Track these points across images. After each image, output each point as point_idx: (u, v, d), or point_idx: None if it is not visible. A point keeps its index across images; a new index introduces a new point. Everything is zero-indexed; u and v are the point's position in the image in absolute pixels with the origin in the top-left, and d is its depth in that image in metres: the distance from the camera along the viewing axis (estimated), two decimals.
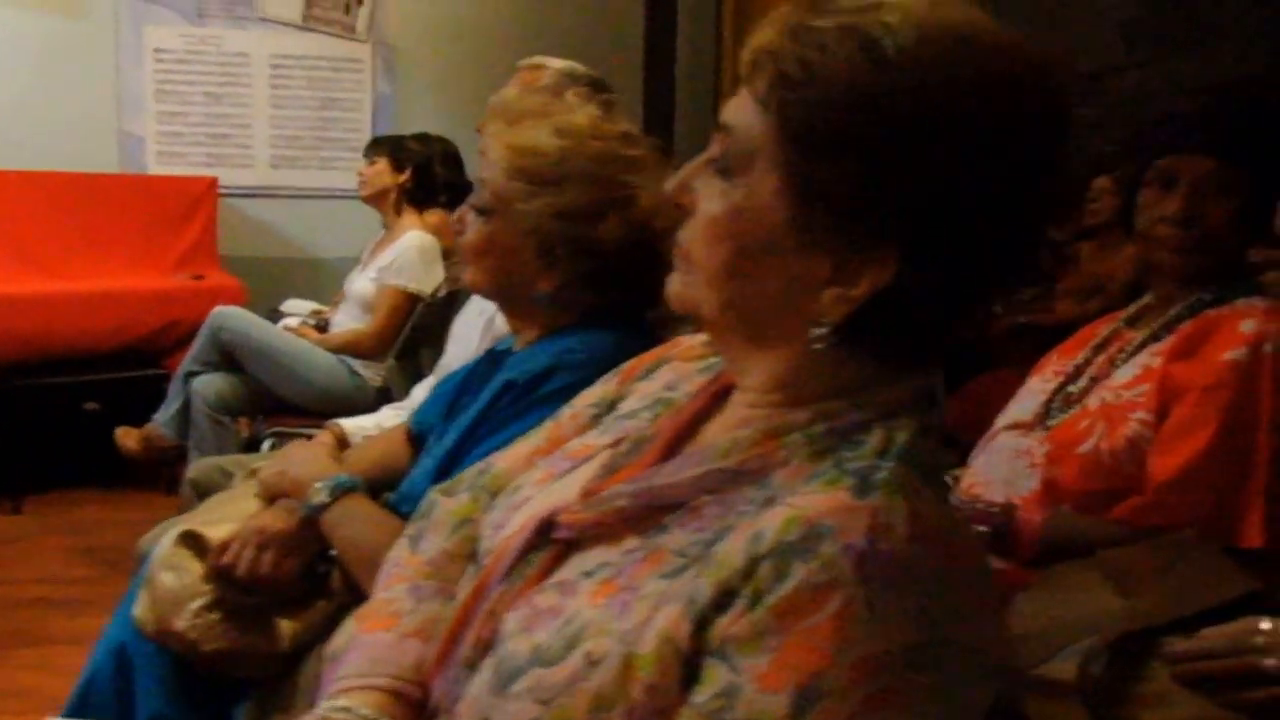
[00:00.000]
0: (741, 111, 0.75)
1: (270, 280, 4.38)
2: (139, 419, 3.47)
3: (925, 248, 0.71)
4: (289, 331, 3.49)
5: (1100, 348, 1.72)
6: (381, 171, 3.54)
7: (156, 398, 3.48)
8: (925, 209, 0.70)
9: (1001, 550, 1.54)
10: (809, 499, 0.69)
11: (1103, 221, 3.55)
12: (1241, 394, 1.45)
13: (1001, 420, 1.74)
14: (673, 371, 0.95)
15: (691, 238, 0.78)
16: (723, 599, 0.68)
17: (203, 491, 2.09)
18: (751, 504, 0.73)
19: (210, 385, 3.26)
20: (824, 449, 0.74)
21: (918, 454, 0.73)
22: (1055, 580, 1.30)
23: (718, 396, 0.86)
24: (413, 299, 3.36)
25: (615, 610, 0.73)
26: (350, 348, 3.38)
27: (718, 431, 0.82)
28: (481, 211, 1.31)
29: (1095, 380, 1.65)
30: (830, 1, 0.74)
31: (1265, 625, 1.06)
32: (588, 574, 0.77)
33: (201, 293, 3.99)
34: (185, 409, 3.30)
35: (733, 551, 0.69)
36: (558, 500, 0.84)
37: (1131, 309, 1.74)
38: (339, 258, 4.35)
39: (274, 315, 3.85)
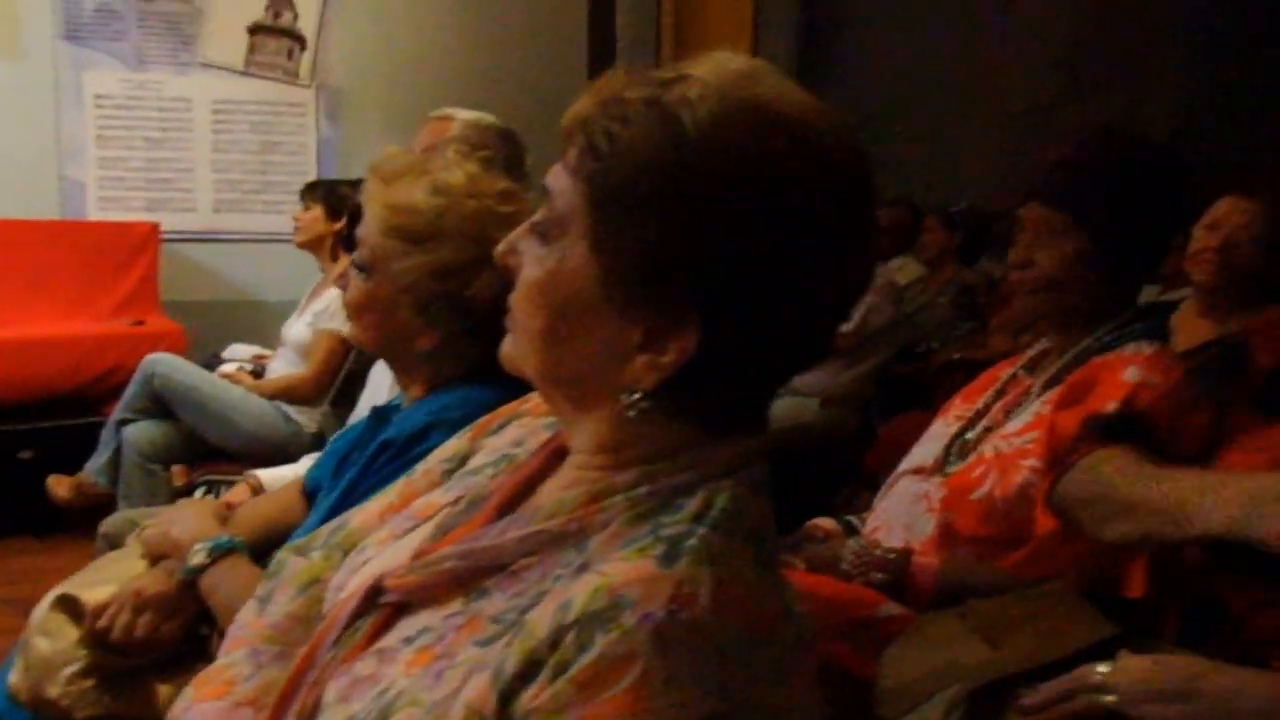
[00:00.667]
0: (558, 179, 0.77)
1: (213, 325, 4.36)
2: (75, 467, 3.42)
3: (727, 318, 0.72)
4: (225, 377, 3.47)
5: (1000, 393, 1.74)
6: (317, 218, 3.55)
7: (94, 445, 3.44)
8: (723, 281, 0.72)
9: (898, 595, 1.55)
10: (616, 567, 0.70)
11: None
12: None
13: (904, 464, 1.76)
14: (521, 428, 0.95)
15: (515, 301, 0.80)
16: (529, 669, 0.68)
17: (115, 545, 2.07)
18: (567, 569, 0.74)
19: (142, 433, 3.23)
20: (645, 512, 0.74)
21: (739, 516, 0.74)
22: (924, 630, 1.31)
23: (556, 455, 0.86)
24: (347, 344, 3.36)
25: (429, 680, 0.73)
26: (286, 393, 3.36)
27: (550, 492, 0.82)
28: (361, 269, 1.32)
29: (991, 428, 1.67)
30: (642, 73, 0.76)
31: (1102, 669, 1.10)
32: (409, 640, 0.77)
33: (142, 338, 3.95)
34: (117, 457, 3.27)
35: (541, 620, 0.70)
36: (392, 561, 0.84)
37: (1029, 355, 1.77)
38: (282, 301, 4.34)
39: (215, 360, 3.83)
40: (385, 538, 0.90)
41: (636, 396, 0.74)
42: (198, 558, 1.27)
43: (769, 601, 0.72)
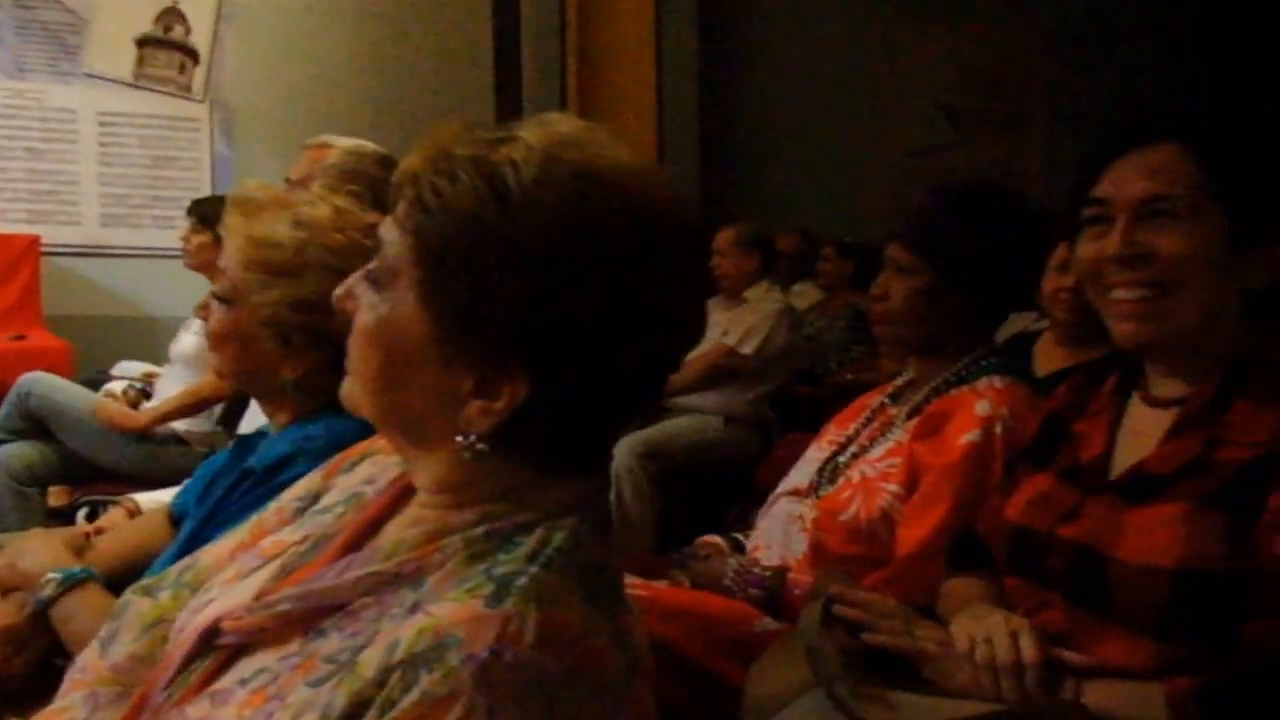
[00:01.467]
0: (388, 230, 0.79)
1: (101, 341, 4.23)
2: None
3: (555, 368, 0.75)
4: (109, 397, 3.37)
5: (869, 421, 1.81)
6: (205, 244, 3.44)
7: None
8: (548, 334, 0.74)
9: (775, 611, 1.60)
10: (444, 608, 0.71)
11: None
12: (975, 473, 1.54)
13: (782, 486, 1.82)
14: (374, 466, 0.95)
15: (350, 345, 0.81)
16: (356, 709, 0.69)
17: None
18: (402, 609, 0.74)
19: (17, 454, 3.12)
20: (480, 552, 0.76)
21: (574, 554, 0.76)
22: (788, 645, 1.35)
23: (404, 493, 0.87)
24: None
25: None
26: (193, 403, 3.24)
27: (392, 531, 0.83)
28: (222, 300, 1.31)
29: (859, 453, 1.74)
30: (474, 131, 0.78)
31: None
32: (244, 682, 0.77)
33: (25, 353, 3.82)
34: None
35: (370, 660, 0.70)
36: (234, 602, 0.84)
37: (895, 384, 1.84)
38: (174, 317, 4.22)
39: (103, 377, 3.71)
40: (231, 577, 0.90)
41: (472, 440, 0.76)
42: (48, 589, 1.24)
43: (597, 637, 0.73)
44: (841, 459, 1.75)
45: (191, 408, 3.24)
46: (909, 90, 5.35)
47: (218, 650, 0.81)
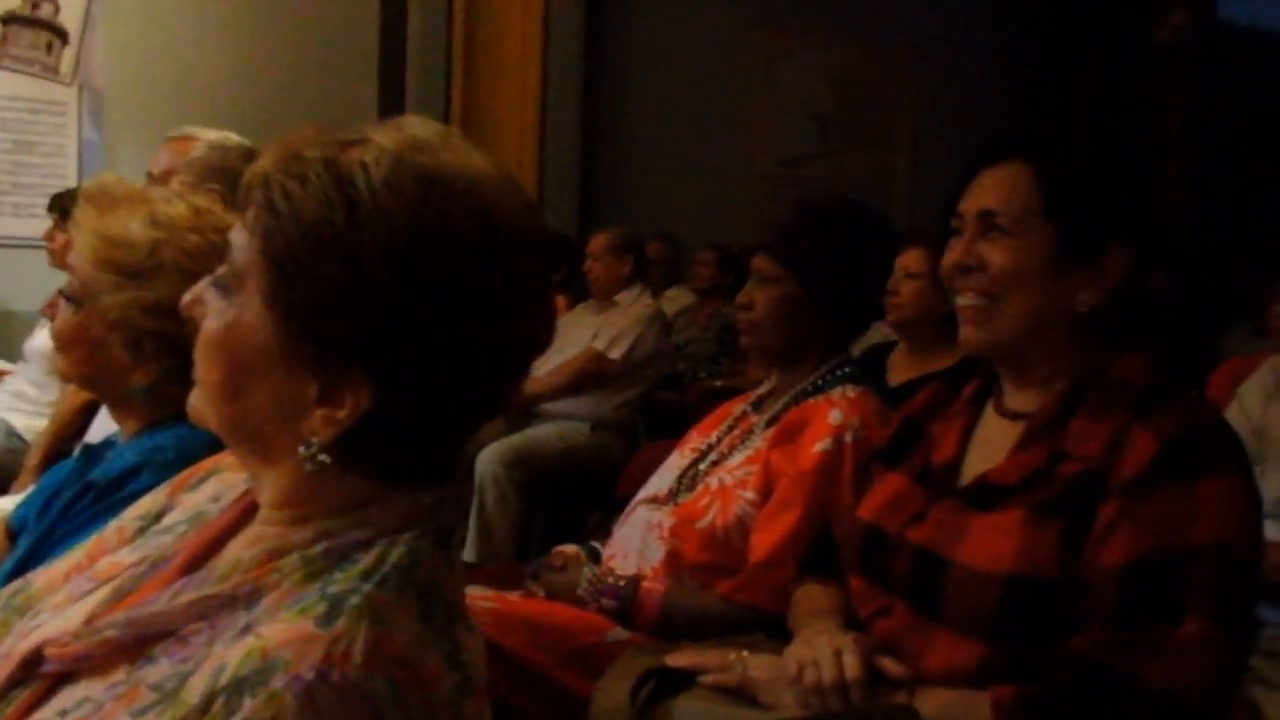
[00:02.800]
0: (237, 234, 0.77)
1: None
2: None
3: (399, 376, 0.74)
4: None
5: (730, 428, 1.85)
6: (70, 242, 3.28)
7: None
8: (392, 341, 0.74)
9: (627, 621, 1.63)
10: (274, 629, 0.70)
11: None
12: (826, 481, 1.60)
13: (642, 493, 1.84)
14: (221, 483, 0.93)
15: (196, 353, 0.80)
16: None
17: None
18: (233, 632, 0.73)
19: None
20: (317, 571, 0.75)
21: (411, 570, 0.75)
22: (632, 660, 1.39)
23: (248, 511, 0.85)
24: None
25: None
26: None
27: (232, 551, 0.81)
28: (70, 300, 1.26)
29: (719, 461, 1.78)
30: (326, 133, 0.77)
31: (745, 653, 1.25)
32: (64, 713, 0.74)
33: None
34: None
35: (195, 686, 0.69)
36: (61, 627, 0.80)
37: (757, 393, 1.89)
38: (31, 312, 4.04)
39: None
40: (63, 600, 0.86)
41: (314, 450, 0.75)
42: None
43: (430, 656, 0.73)
44: (701, 466, 1.79)
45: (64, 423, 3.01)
46: (782, 101, 5.49)
47: (40, 679, 0.77)
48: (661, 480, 1.83)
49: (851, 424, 1.64)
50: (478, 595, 1.58)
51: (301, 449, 0.75)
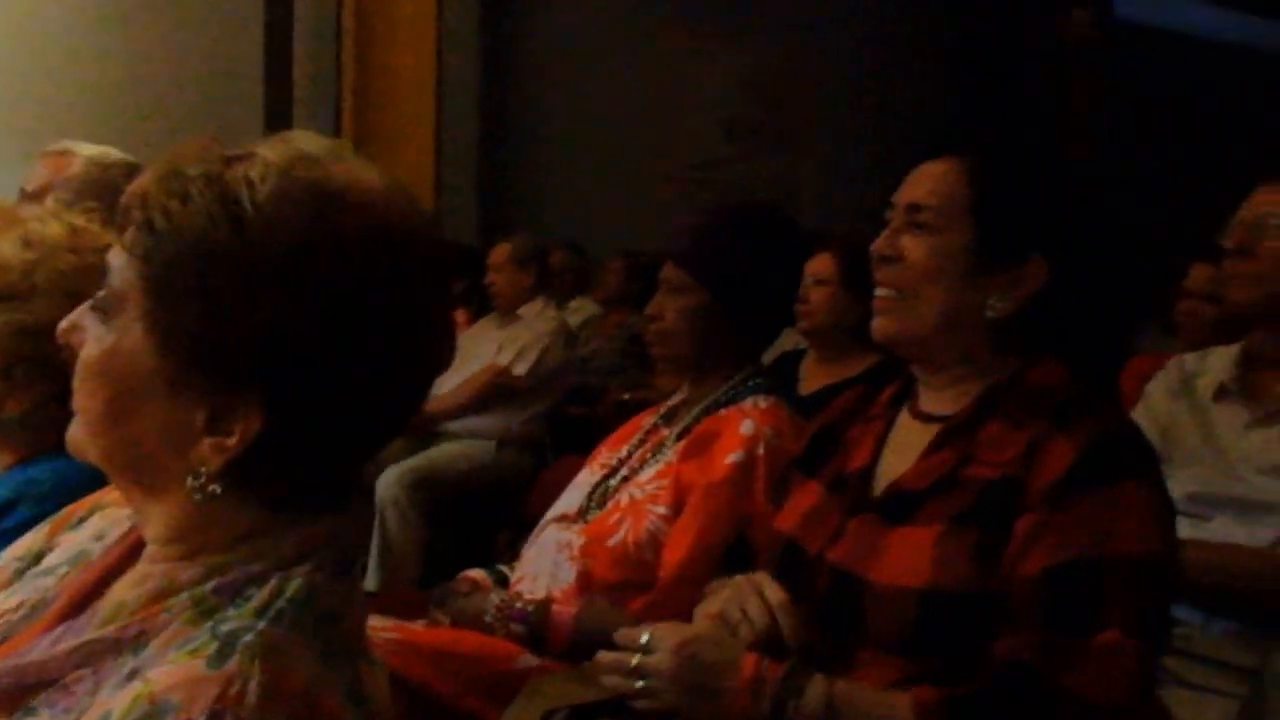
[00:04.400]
0: (116, 255, 0.74)
1: None
2: None
3: (291, 398, 0.72)
4: None
5: (641, 442, 1.81)
6: None
7: None
8: (284, 362, 0.71)
9: (538, 646, 1.57)
10: (163, 671, 0.66)
11: None
12: (738, 492, 1.58)
13: (551, 512, 1.80)
14: (104, 519, 0.88)
15: (75, 381, 0.76)
16: None
17: None
18: (119, 677, 0.69)
19: None
20: (208, 609, 0.71)
21: (308, 605, 0.72)
22: (541, 688, 1.35)
23: (134, 549, 0.81)
24: None
25: None
26: None
27: (117, 592, 0.77)
28: None
29: (630, 475, 1.74)
30: (209, 148, 0.74)
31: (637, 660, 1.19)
32: None
33: None
34: None
35: None
36: None
37: (668, 404, 1.86)
38: None
39: None
40: None
41: (203, 480, 0.72)
42: None
43: (330, 693, 0.71)
44: (612, 482, 1.75)
45: None
46: (693, 105, 5.51)
47: None
48: (571, 498, 1.78)
49: (764, 434, 1.62)
50: (379, 626, 1.51)
51: (190, 479, 0.73)
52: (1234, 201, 1.78)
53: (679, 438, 1.72)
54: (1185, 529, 1.74)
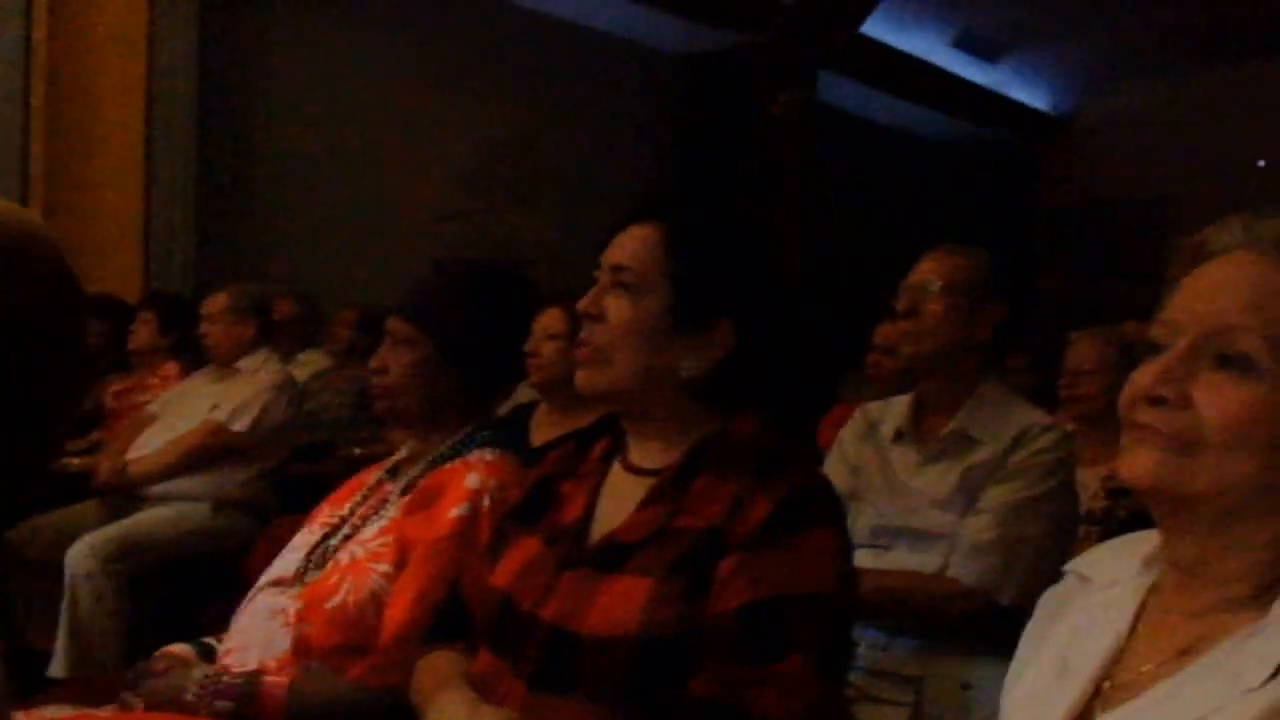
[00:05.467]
0: None
1: None
2: None
3: None
4: None
5: (365, 498, 1.74)
6: None
7: None
8: None
9: None
10: None
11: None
12: (462, 547, 1.53)
13: (265, 577, 1.69)
14: None
15: None
16: None
17: None
18: None
19: None
20: None
21: None
22: None
23: None
24: None
25: None
26: None
27: None
28: None
29: (352, 534, 1.66)
30: None
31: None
32: None
33: None
34: None
35: None
36: None
37: (393, 459, 1.80)
38: None
39: None
40: None
41: None
42: None
43: None
44: (333, 541, 1.67)
45: None
46: (431, 157, 5.45)
47: None
48: (287, 561, 1.68)
49: (489, 487, 1.60)
50: (58, 717, 1.39)
51: None
52: (909, 268, 1.99)
53: (404, 492, 1.67)
54: (869, 559, 1.91)
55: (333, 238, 5.03)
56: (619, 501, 1.29)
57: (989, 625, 1.78)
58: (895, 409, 2.07)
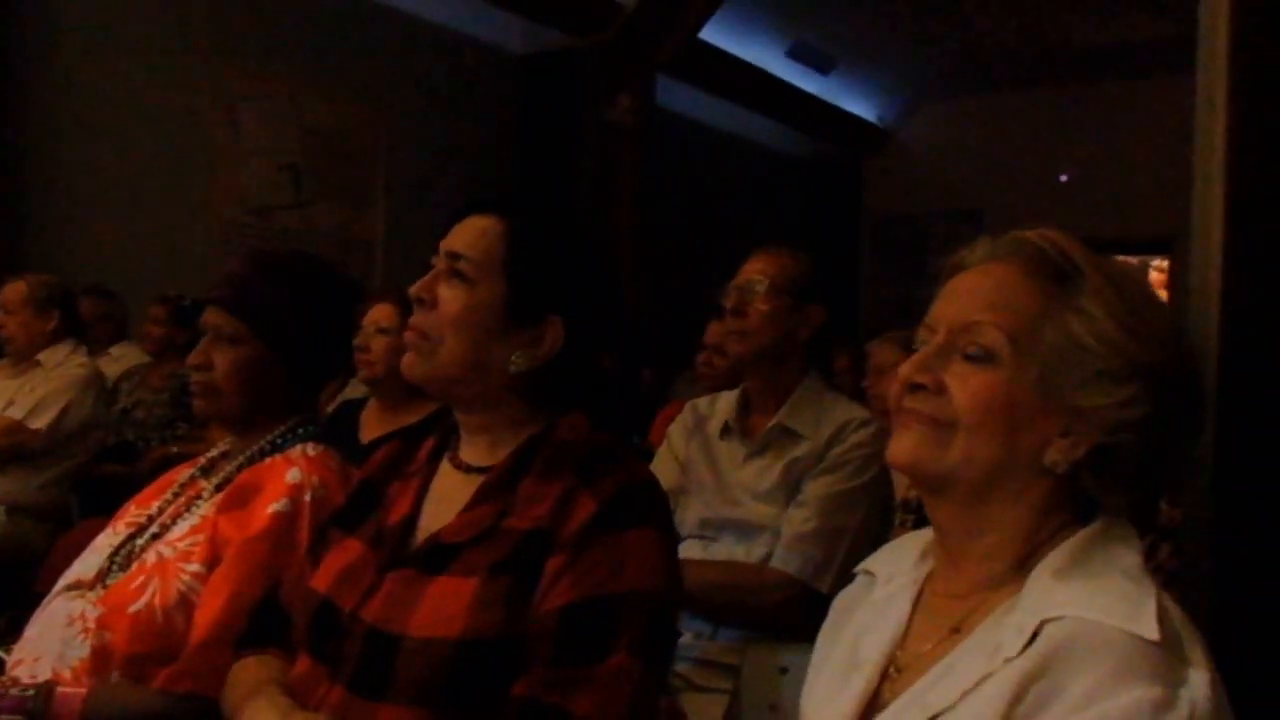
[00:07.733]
0: None
1: None
2: None
3: None
4: None
5: (176, 496, 1.65)
6: None
7: None
8: None
9: None
10: None
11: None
12: (279, 545, 1.48)
13: (61, 581, 1.58)
14: None
15: None
16: None
17: None
18: None
19: None
20: None
21: None
22: None
23: None
24: None
25: None
26: None
27: None
28: None
29: (160, 533, 1.58)
30: None
31: None
32: None
33: None
34: None
35: None
36: None
37: (208, 456, 1.71)
38: None
39: None
40: None
41: None
42: None
43: None
44: (139, 541, 1.58)
45: None
46: (249, 147, 5.20)
47: None
48: (87, 563, 1.59)
49: (311, 483, 1.55)
50: None
51: None
52: (737, 268, 2.05)
53: (218, 489, 1.59)
54: (697, 550, 1.96)
55: (139, 227, 4.73)
56: (447, 500, 1.27)
57: (809, 612, 1.84)
58: (722, 405, 2.13)
